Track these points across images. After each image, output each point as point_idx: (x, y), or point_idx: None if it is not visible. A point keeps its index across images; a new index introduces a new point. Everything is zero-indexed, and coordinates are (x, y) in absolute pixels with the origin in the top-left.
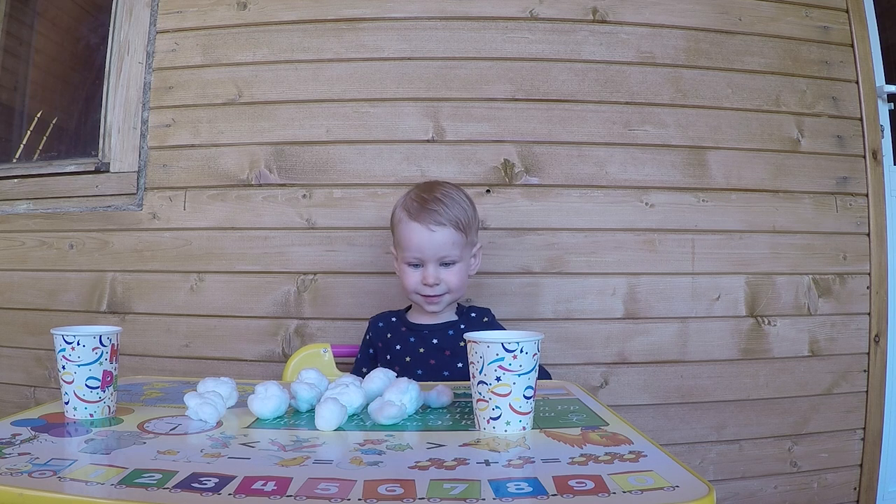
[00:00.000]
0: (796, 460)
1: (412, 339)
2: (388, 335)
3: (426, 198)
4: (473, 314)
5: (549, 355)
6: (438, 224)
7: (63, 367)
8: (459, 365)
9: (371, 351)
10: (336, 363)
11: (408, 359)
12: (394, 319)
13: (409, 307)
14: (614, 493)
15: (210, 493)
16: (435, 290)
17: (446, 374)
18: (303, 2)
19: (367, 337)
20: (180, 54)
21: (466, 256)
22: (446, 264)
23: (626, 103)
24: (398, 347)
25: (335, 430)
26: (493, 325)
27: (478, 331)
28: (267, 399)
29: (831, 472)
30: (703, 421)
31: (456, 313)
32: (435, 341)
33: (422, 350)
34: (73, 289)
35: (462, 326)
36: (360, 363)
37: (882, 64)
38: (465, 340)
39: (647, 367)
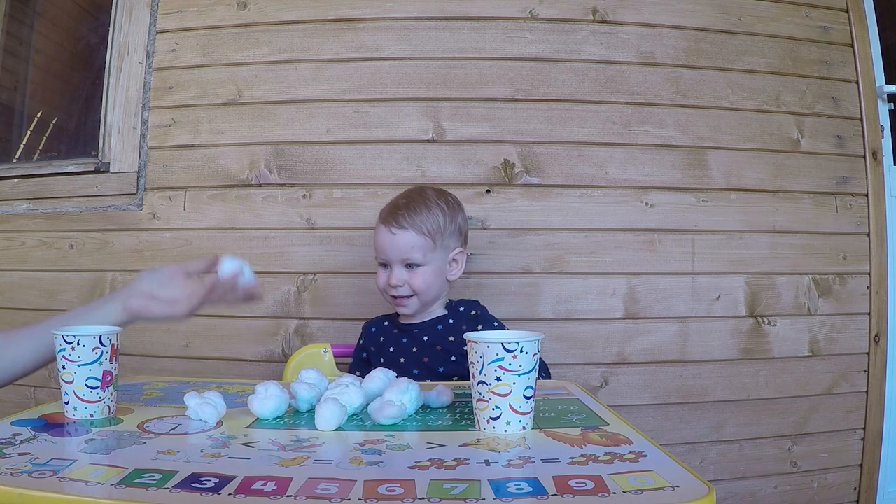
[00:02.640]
0: (796, 460)
1: (405, 340)
2: (381, 339)
3: (398, 203)
4: (462, 308)
5: (549, 355)
6: (400, 227)
7: (63, 367)
8: (453, 358)
9: (364, 355)
10: (336, 363)
11: (402, 360)
12: (386, 323)
13: None
14: (614, 493)
15: (210, 493)
16: (399, 292)
17: (441, 370)
18: (303, 2)
19: (360, 342)
20: (180, 54)
21: (435, 261)
22: (411, 267)
23: (626, 103)
24: (391, 350)
25: (335, 430)
26: (484, 317)
27: (466, 324)
28: (267, 399)
29: (831, 472)
30: (703, 421)
31: (445, 308)
32: (426, 339)
33: (415, 349)
34: (74, 289)
35: (451, 321)
36: (353, 367)
37: (882, 64)
38: (454, 337)
39: (647, 367)
